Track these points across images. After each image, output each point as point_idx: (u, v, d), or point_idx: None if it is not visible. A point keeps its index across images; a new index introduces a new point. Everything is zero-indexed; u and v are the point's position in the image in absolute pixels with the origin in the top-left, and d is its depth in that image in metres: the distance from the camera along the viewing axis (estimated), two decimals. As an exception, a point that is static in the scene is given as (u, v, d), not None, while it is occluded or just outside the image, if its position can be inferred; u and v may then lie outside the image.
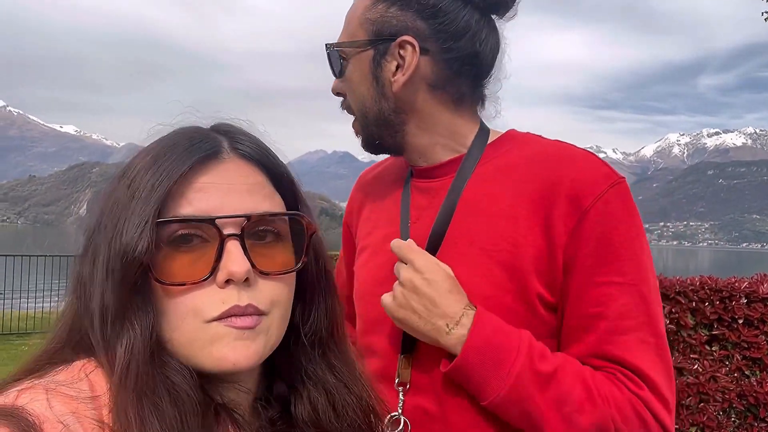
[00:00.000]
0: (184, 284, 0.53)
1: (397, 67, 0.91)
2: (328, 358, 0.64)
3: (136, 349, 0.51)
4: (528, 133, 1.00)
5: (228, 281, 0.53)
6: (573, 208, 0.85)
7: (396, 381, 0.92)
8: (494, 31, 0.95)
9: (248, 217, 0.55)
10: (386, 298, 0.88)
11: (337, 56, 0.96)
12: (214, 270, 0.53)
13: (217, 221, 0.53)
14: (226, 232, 0.54)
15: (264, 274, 0.56)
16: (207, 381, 0.55)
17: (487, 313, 0.84)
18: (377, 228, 1.04)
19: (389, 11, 0.91)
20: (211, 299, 0.53)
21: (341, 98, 1.00)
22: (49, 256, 11.40)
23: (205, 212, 0.54)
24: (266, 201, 0.58)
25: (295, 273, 0.60)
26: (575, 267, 0.84)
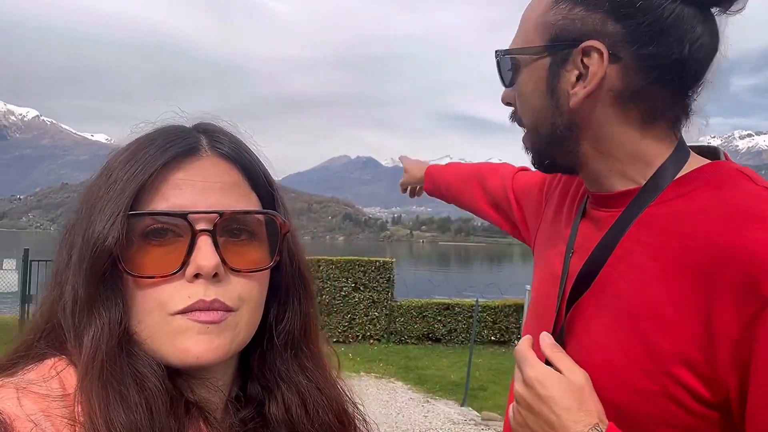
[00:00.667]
0: (153, 277, 0.53)
1: (578, 78, 0.77)
2: (300, 360, 0.64)
3: (102, 339, 0.51)
4: (739, 169, 0.76)
5: (197, 276, 0.53)
6: (749, 293, 0.63)
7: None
8: (711, 29, 0.75)
9: (221, 214, 0.55)
10: (510, 412, 0.81)
11: (508, 64, 0.84)
12: (183, 264, 0.53)
13: (190, 216, 0.54)
14: (198, 227, 0.54)
15: (235, 270, 0.56)
16: (178, 376, 0.55)
17: None
18: (548, 242, 0.98)
19: (573, 12, 0.76)
20: (178, 293, 0.53)
21: (511, 108, 0.90)
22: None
23: (179, 207, 0.54)
24: (242, 199, 0.58)
25: (268, 272, 0.60)
26: (757, 372, 0.63)
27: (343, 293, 10.59)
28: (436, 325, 10.71)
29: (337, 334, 10.58)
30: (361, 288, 10.65)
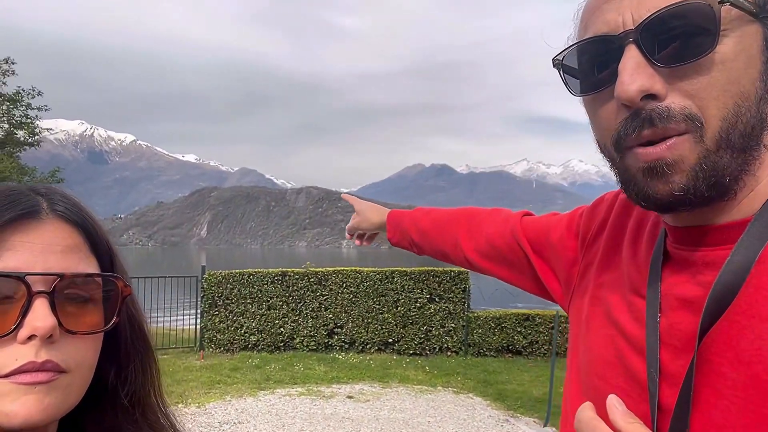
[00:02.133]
0: None
1: None
2: (147, 417, 0.65)
3: None
4: None
5: (30, 338, 0.53)
6: None
7: None
8: None
9: (61, 276, 0.55)
10: None
11: (710, 19, 0.56)
12: (17, 326, 0.53)
13: (27, 278, 0.54)
14: (35, 289, 0.54)
15: (70, 332, 0.56)
16: None
17: None
18: (613, 286, 0.74)
19: None
20: (7, 355, 0.53)
21: (651, 103, 0.58)
22: (173, 276, 12.32)
23: (15, 269, 0.54)
24: (82, 262, 0.58)
25: (102, 335, 0.60)
26: None
27: (419, 304, 10.48)
28: (515, 337, 10.34)
29: (413, 347, 10.48)
30: (437, 299, 10.50)
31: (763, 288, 0.57)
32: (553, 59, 0.67)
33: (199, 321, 11.01)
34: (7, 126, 12.60)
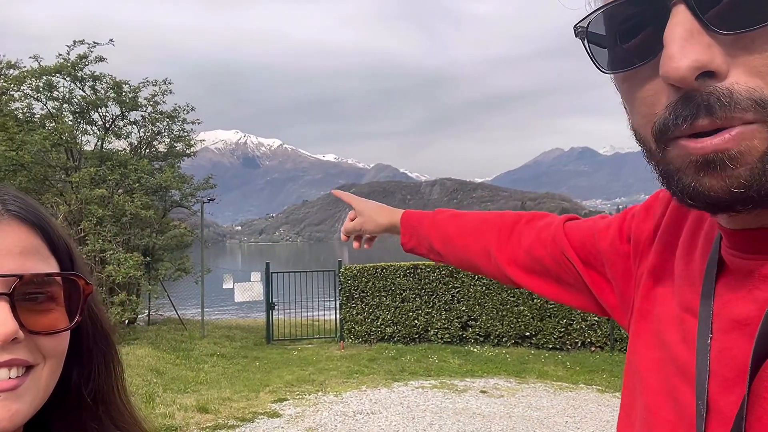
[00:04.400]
0: None
1: None
2: (110, 414, 0.65)
3: None
4: None
5: None
6: None
7: None
8: None
9: (21, 277, 0.55)
10: None
11: None
12: None
13: None
14: None
15: (34, 333, 0.56)
16: None
17: None
18: (664, 301, 0.64)
19: None
20: None
21: (712, 86, 0.44)
22: (314, 271, 13.04)
23: None
24: (41, 263, 0.58)
25: (68, 334, 0.60)
26: None
27: (556, 297, 9.94)
28: (670, 332, 9.35)
29: (552, 341, 9.97)
30: (576, 291, 9.87)
31: None
32: (575, 27, 0.53)
33: (338, 313, 11.53)
34: (168, 140, 14.26)
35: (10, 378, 0.53)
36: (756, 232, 0.52)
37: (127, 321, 11.76)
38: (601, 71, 0.53)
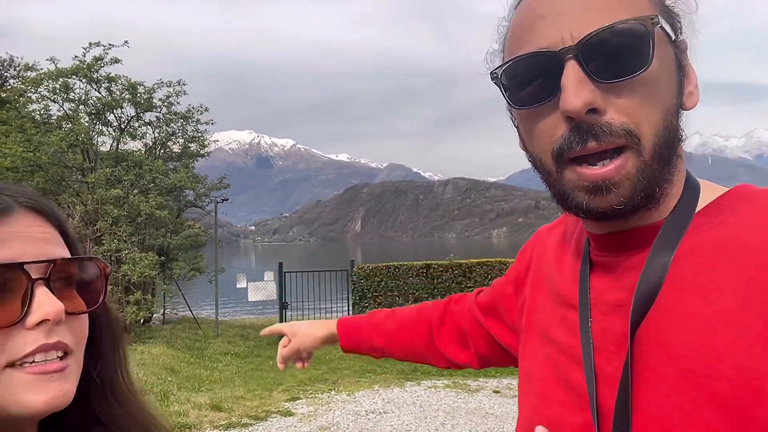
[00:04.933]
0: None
1: (685, 76, 0.65)
2: (116, 397, 0.67)
3: None
4: None
5: (39, 324, 0.55)
6: None
7: None
8: None
9: (54, 262, 0.58)
10: None
11: (645, 39, 0.58)
12: (24, 313, 0.55)
13: (26, 266, 0.56)
14: (34, 276, 0.56)
15: (69, 314, 0.58)
16: None
17: None
18: (545, 307, 0.77)
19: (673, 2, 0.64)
20: (18, 342, 0.55)
21: (586, 118, 0.59)
22: (327, 270, 13.08)
23: (10, 259, 0.55)
24: (60, 248, 0.61)
25: (87, 316, 0.63)
26: None
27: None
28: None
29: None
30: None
31: (682, 286, 0.61)
32: (491, 74, 0.67)
33: (351, 312, 11.55)
34: (182, 141, 14.39)
35: (58, 359, 0.57)
36: (617, 234, 0.66)
37: (142, 320, 11.89)
38: (513, 108, 0.67)
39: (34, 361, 0.55)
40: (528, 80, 0.63)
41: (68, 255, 0.62)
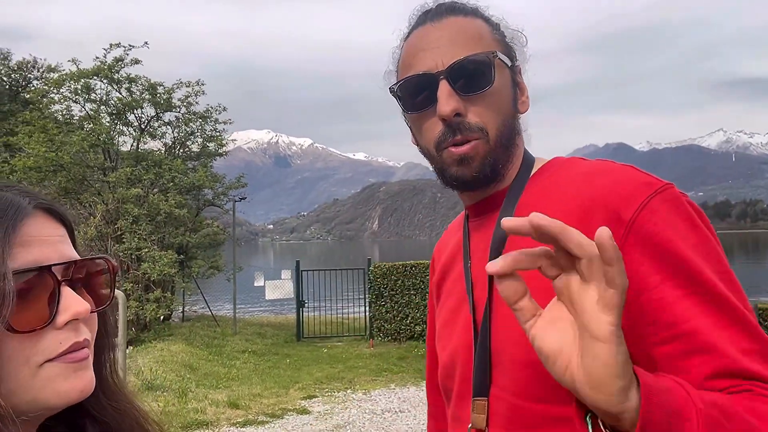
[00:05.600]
0: (33, 330, 0.56)
1: (518, 89, 0.94)
2: (106, 390, 0.69)
3: None
4: (574, 157, 0.96)
5: (67, 323, 0.58)
6: (614, 222, 0.77)
7: (468, 427, 0.88)
8: None
9: (74, 263, 0.61)
10: None
11: (489, 67, 0.88)
12: (54, 314, 0.57)
13: (53, 268, 0.58)
14: (60, 277, 0.59)
15: (92, 312, 0.62)
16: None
17: None
18: (448, 272, 1.04)
19: (505, 38, 0.94)
20: (49, 342, 0.57)
21: (453, 120, 0.87)
22: (344, 269, 13.09)
23: (36, 262, 0.58)
24: (72, 248, 0.64)
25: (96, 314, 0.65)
26: (641, 289, 0.74)
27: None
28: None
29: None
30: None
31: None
32: (389, 88, 0.93)
33: (368, 311, 11.55)
34: (200, 140, 14.52)
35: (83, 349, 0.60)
36: (481, 201, 0.95)
37: (162, 317, 12.03)
38: (406, 113, 0.94)
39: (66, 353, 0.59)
40: (415, 93, 0.89)
41: (77, 255, 0.64)
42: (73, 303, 0.59)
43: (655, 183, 0.80)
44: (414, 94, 0.89)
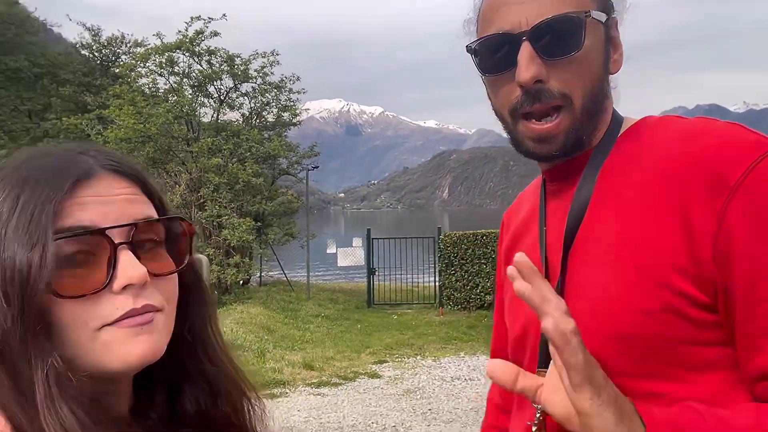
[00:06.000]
0: (83, 296, 0.54)
1: (612, 46, 0.85)
2: (204, 353, 0.68)
3: (46, 374, 0.51)
4: (669, 116, 0.86)
5: (125, 287, 0.56)
6: (717, 186, 0.71)
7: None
8: None
9: (135, 225, 0.58)
10: None
11: (578, 27, 0.78)
12: (110, 278, 0.55)
13: (107, 231, 0.56)
14: (116, 241, 0.56)
15: (156, 276, 0.59)
16: (96, 394, 0.55)
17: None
18: (522, 237, 0.99)
19: None
20: (106, 307, 0.55)
21: (536, 86, 0.79)
22: (414, 237, 13.18)
23: (92, 225, 0.55)
24: (144, 208, 0.61)
25: (176, 275, 0.63)
26: (735, 259, 0.69)
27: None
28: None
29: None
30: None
31: (606, 193, 0.82)
32: (467, 47, 0.86)
33: (437, 279, 11.62)
34: (275, 110, 14.90)
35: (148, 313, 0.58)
36: (560, 166, 0.88)
37: (241, 281, 12.67)
38: (482, 74, 0.86)
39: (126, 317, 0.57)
40: (493, 53, 0.81)
41: (153, 214, 0.61)
42: (128, 268, 0.55)
43: (765, 143, 0.72)
44: (492, 53, 0.81)
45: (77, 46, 17.96)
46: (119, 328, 0.56)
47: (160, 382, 0.66)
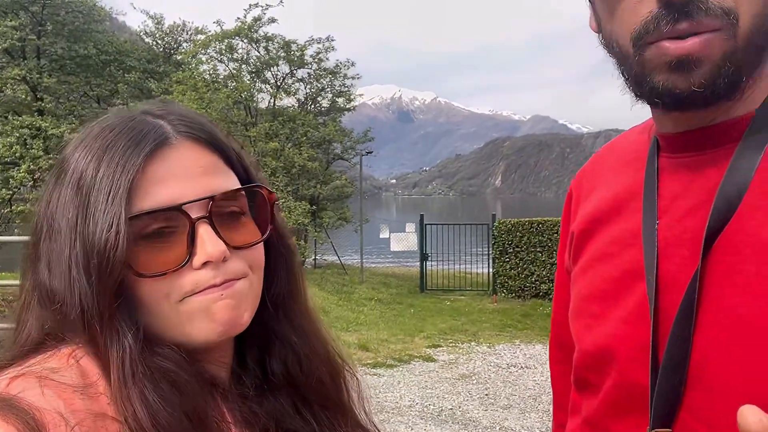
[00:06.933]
0: (164, 273, 0.54)
1: None
2: (291, 318, 0.66)
3: (127, 347, 0.51)
4: None
5: (205, 263, 0.54)
6: None
7: None
8: None
9: (212, 198, 0.56)
10: None
11: None
12: (190, 255, 0.54)
13: (185, 207, 0.54)
14: (194, 216, 0.55)
15: (237, 249, 0.57)
16: (193, 359, 0.56)
17: None
18: (606, 224, 0.72)
19: None
20: (187, 282, 0.54)
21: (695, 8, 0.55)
22: (468, 224, 13.06)
23: (169, 201, 0.54)
24: (223, 178, 0.58)
25: (262, 243, 0.61)
26: None
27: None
28: None
29: None
30: None
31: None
32: None
33: (491, 266, 11.48)
34: (330, 95, 15.05)
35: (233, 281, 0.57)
36: (698, 131, 0.62)
37: (296, 263, 12.94)
38: None
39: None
40: None
41: (232, 183, 0.59)
42: (207, 244, 0.54)
43: None
44: None
45: (141, 33, 18.63)
46: (202, 296, 0.55)
47: (252, 347, 0.65)
